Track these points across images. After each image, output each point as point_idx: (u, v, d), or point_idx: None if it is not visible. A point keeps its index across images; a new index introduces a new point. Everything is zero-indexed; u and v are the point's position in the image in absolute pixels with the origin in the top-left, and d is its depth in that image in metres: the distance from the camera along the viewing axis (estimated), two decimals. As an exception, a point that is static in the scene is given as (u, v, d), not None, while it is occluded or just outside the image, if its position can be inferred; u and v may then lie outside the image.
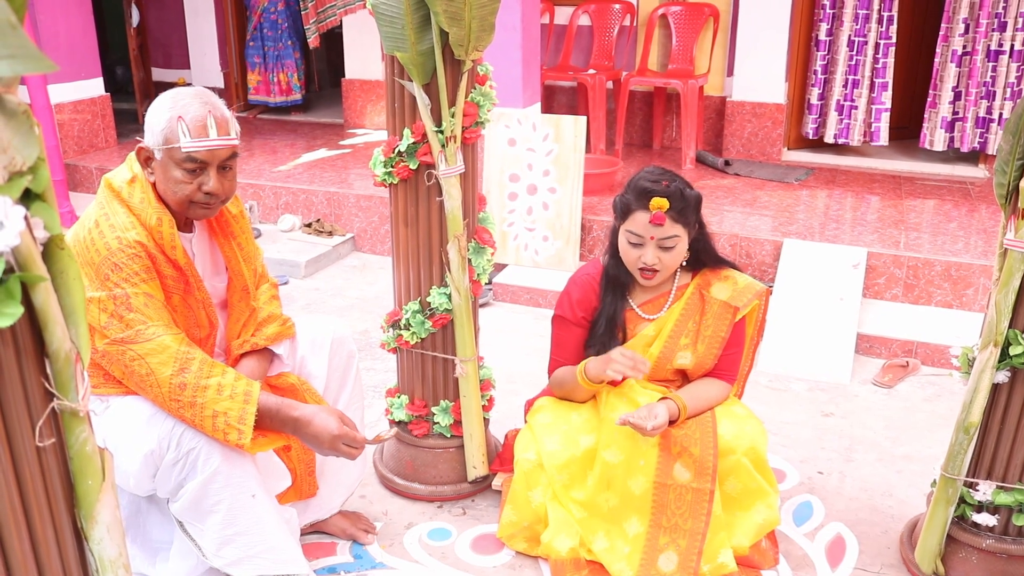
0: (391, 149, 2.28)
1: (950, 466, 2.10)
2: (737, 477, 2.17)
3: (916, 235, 4.02)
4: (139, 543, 2.11)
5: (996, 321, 1.95)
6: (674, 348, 2.24)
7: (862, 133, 5.14)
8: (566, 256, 4.17)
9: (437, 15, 2.06)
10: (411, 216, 2.34)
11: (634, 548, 2.17)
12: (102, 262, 1.82)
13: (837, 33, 5.05)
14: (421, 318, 2.39)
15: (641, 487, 2.16)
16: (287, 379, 2.15)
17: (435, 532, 2.44)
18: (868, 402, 3.19)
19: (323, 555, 2.33)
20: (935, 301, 3.74)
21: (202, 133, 1.85)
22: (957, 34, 4.78)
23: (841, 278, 3.72)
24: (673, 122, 5.67)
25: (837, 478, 2.71)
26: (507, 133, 4.21)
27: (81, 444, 1.00)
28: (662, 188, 2.08)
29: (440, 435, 2.53)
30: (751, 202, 4.53)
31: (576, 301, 2.29)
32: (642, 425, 2.03)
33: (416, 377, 2.50)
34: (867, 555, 2.35)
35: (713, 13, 5.28)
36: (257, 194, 4.95)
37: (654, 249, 2.12)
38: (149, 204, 1.89)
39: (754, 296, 2.25)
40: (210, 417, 1.81)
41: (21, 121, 0.83)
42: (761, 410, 3.02)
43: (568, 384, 2.28)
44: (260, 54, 6.53)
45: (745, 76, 5.23)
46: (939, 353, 3.42)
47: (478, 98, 2.26)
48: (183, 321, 1.96)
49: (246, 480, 1.89)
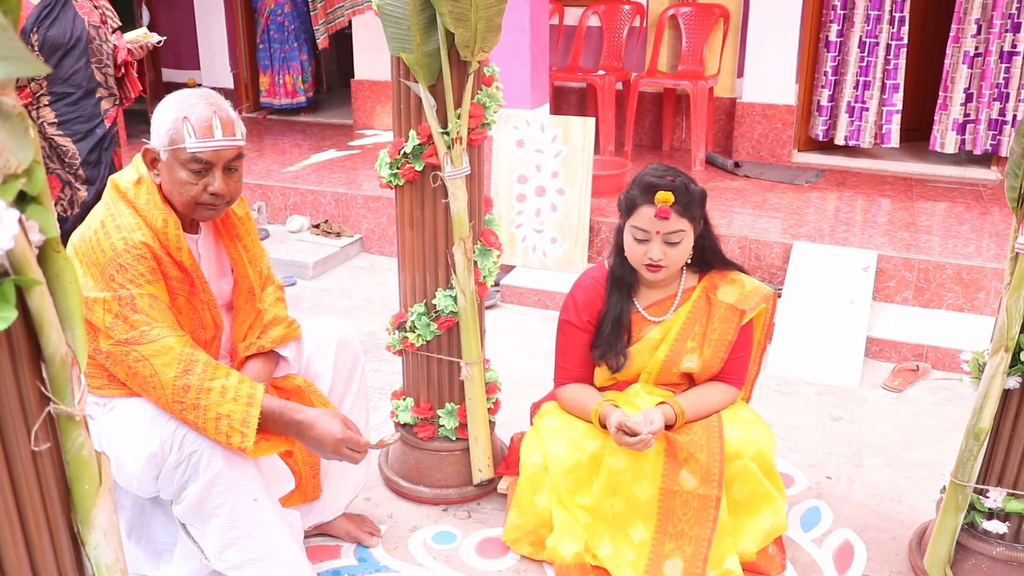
0: (397, 151, 2.27)
1: (960, 472, 2.08)
2: (744, 482, 2.16)
3: (927, 238, 3.99)
4: (143, 545, 2.11)
5: (1007, 326, 1.92)
6: (680, 351, 2.22)
7: (873, 135, 5.10)
8: (574, 258, 4.16)
9: (443, 16, 2.05)
10: (417, 218, 2.33)
11: (639, 554, 2.16)
12: (107, 263, 1.82)
13: (848, 34, 5.02)
14: (427, 320, 2.38)
15: (647, 493, 2.14)
16: (293, 381, 2.15)
17: (440, 535, 2.43)
18: (878, 406, 3.17)
19: (327, 558, 2.33)
20: (946, 304, 3.70)
21: (207, 134, 1.85)
22: (969, 35, 4.74)
23: (851, 281, 3.69)
24: (682, 123, 5.65)
25: (845, 483, 2.68)
26: (515, 134, 4.20)
27: (78, 448, 0.99)
28: (667, 183, 2.09)
29: (445, 438, 2.52)
30: (761, 204, 4.51)
31: (581, 305, 2.27)
32: (637, 431, 2.03)
33: (421, 380, 2.50)
34: (875, 561, 2.33)
35: (723, 14, 5.26)
36: (266, 195, 4.95)
37: (660, 244, 2.11)
38: (155, 205, 1.89)
39: (761, 299, 2.24)
40: (213, 420, 1.80)
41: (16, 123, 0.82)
42: (769, 414, 3.00)
43: (577, 412, 2.28)
44: (268, 56, 6.54)
45: (755, 77, 5.21)
46: (950, 357, 3.39)
47: (484, 99, 2.25)
48: (188, 323, 1.96)
49: (248, 483, 1.88)
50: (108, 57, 3.45)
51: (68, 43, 3.28)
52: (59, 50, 3.26)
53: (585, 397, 2.26)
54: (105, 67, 3.44)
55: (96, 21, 3.41)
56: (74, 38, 3.28)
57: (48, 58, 3.24)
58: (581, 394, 2.28)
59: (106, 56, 3.43)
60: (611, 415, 2.11)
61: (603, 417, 2.15)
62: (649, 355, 2.24)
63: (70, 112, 3.36)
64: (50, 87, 3.31)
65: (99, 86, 3.43)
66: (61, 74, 3.29)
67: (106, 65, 3.44)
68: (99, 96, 3.45)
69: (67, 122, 3.37)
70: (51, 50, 3.25)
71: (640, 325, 2.26)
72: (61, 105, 3.33)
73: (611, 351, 2.23)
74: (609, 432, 2.11)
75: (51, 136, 3.34)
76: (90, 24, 3.37)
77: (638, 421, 2.05)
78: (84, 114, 3.39)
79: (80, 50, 3.31)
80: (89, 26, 3.35)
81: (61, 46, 3.26)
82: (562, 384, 2.34)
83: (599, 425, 2.18)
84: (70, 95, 3.34)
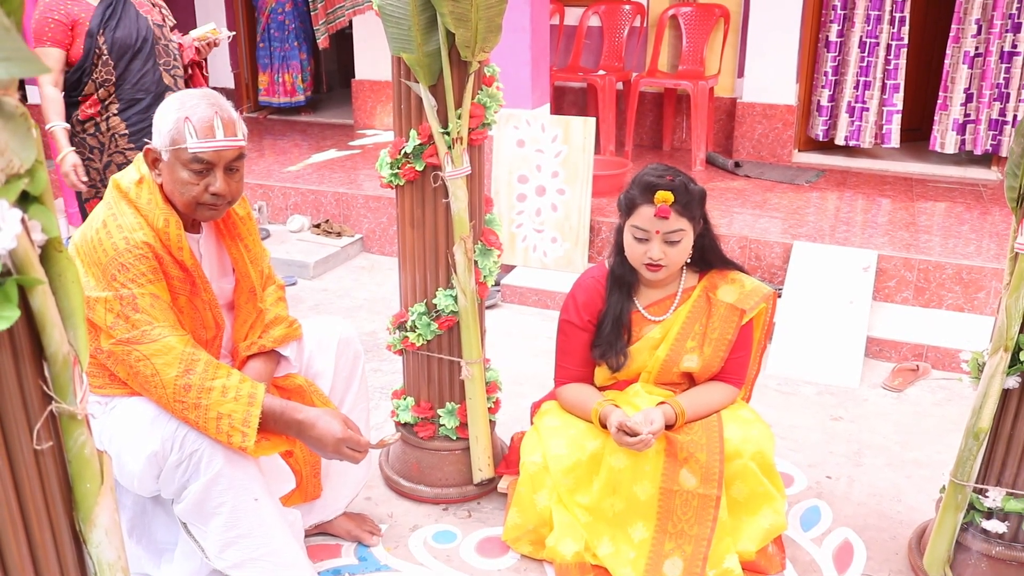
0: (397, 150, 2.27)
1: (959, 472, 2.08)
2: (744, 481, 2.16)
3: (927, 238, 3.99)
4: (144, 544, 2.11)
5: (1006, 326, 1.92)
6: (680, 351, 2.22)
7: (873, 135, 5.10)
8: (575, 258, 4.16)
9: (443, 16, 2.06)
10: (417, 218, 2.33)
11: (639, 553, 2.16)
12: (109, 262, 1.82)
13: (848, 34, 5.02)
14: (427, 320, 2.38)
15: (647, 493, 2.14)
16: (294, 380, 2.15)
17: (440, 534, 2.43)
18: (878, 406, 3.17)
19: (328, 557, 2.33)
20: (946, 304, 3.71)
21: (209, 134, 1.86)
22: (969, 35, 4.74)
23: (851, 281, 3.70)
24: (683, 123, 5.65)
25: (845, 483, 2.69)
26: (516, 134, 4.20)
27: (79, 447, 0.99)
28: (666, 182, 2.09)
29: (446, 437, 2.53)
30: (761, 204, 4.51)
31: (582, 304, 2.28)
32: (637, 431, 2.03)
33: (422, 379, 2.50)
34: (875, 561, 2.34)
35: (723, 14, 5.26)
36: (266, 194, 4.96)
37: (660, 243, 2.12)
38: (156, 205, 1.89)
39: (761, 299, 2.24)
40: (214, 419, 1.80)
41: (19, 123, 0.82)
42: (770, 414, 3.00)
43: (578, 411, 2.28)
44: (268, 55, 6.54)
45: (755, 77, 5.21)
46: (950, 357, 3.39)
47: (485, 99, 2.26)
48: (189, 323, 1.96)
49: (249, 483, 1.88)
50: (175, 58, 3.28)
51: (135, 44, 3.13)
52: (127, 53, 3.11)
53: (586, 397, 2.26)
54: (174, 68, 3.26)
55: (158, 19, 3.26)
56: (140, 38, 3.13)
57: (117, 62, 3.11)
58: (582, 393, 2.28)
59: (173, 57, 3.26)
60: (611, 415, 2.12)
61: (604, 417, 2.16)
62: (649, 354, 2.25)
63: (141, 120, 3.15)
64: (118, 94, 3.14)
65: (168, 90, 3.20)
66: (130, 78, 3.14)
67: (174, 67, 3.27)
68: None
69: (139, 132, 3.17)
70: (119, 53, 3.10)
71: (640, 324, 2.26)
72: (131, 113, 3.17)
73: (611, 350, 2.23)
74: (609, 432, 2.12)
75: (124, 149, 3.16)
76: (153, 23, 3.21)
77: (638, 421, 2.06)
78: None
79: (147, 52, 3.16)
80: (153, 25, 3.20)
81: (129, 48, 3.11)
82: (562, 383, 2.34)
83: (599, 425, 2.18)
84: (139, 101, 3.16)
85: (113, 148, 3.16)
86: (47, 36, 3.05)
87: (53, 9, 3.05)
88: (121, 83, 3.13)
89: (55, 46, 3.05)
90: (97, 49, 3.07)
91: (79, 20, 3.07)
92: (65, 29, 3.06)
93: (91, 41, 3.06)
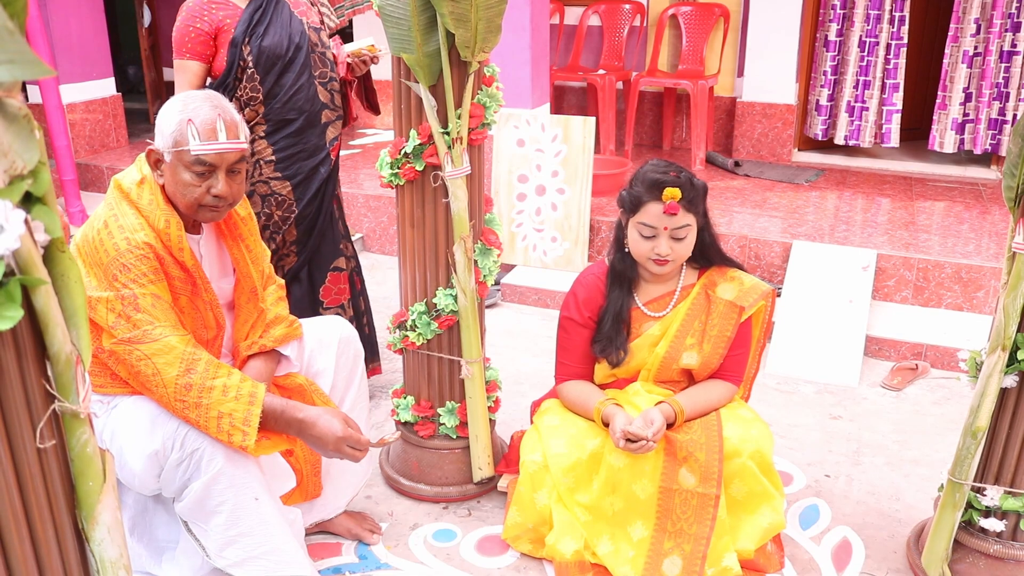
0: (398, 150, 2.28)
1: (957, 471, 2.09)
2: (742, 480, 2.17)
3: (926, 237, 4.00)
4: (145, 542, 2.12)
5: (1004, 325, 1.93)
6: (680, 348, 2.23)
7: (873, 134, 5.11)
8: (574, 257, 4.17)
9: (443, 16, 2.06)
10: (417, 217, 2.34)
11: (639, 552, 2.17)
12: (110, 262, 1.83)
13: (847, 34, 5.03)
14: (427, 319, 2.39)
15: (646, 492, 2.15)
16: (295, 379, 2.16)
17: (440, 533, 2.44)
18: (876, 405, 3.18)
19: (328, 555, 2.34)
20: (945, 304, 3.71)
21: (211, 136, 1.86)
22: (968, 35, 4.74)
23: (850, 280, 3.70)
24: (683, 123, 5.66)
25: (844, 481, 2.70)
26: (516, 134, 4.21)
27: (82, 446, 1.00)
28: (672, 178, 2.10)
29: (446, 436, 2.53)
30: (760, 203, 4.52)
31: (582, 301, 2.29)
32: (642, 435, 2.04)
33: (422, 378, 2.51)
34: (873, 559, 2.34)
35: (723, 13, 5.26)
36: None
37: (667, 239, 2.12)
38: (157, 206, 1.90)
39: (760, 296, 2.25)
40: (215, 418, 1.81)
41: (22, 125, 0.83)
42: (769, 412, 3.01)
43: (579, 409, 2.29)
44: None
45: (755, 77, 5.22)
46: (949, 356, 3.40)
47: (485, 99, 2.27)
48: (190, 322, 1.97)
49: (249, 482, 1.89)
50: (333, 69, 2.72)
51: (287, 54, 2.60)
52: (276, 64, 2.59)
53: (587, 395, 2.27)
54: (331, 81, 2.72)
55: (315, 22, 2.72)
56: (292, 46, 2.61)
57: (264, 76, 2.59)
58: (583, 391, 2.29)
59: (330, 67, 2.72)
60: (615, 419, 2.12)
61: (606, 417, 2.16)
62: (649, 351, 2.25)
63: (291, 146, 2.67)
64: (266, 114, 2.63)
65: (324, 108, 2.71)
66: (280, 95, 2.61)
67: (331, 79, 2.72)
68: (325, 121, 2.72)
69: (287, 159, 2.68)
70: (267, 66, 2.58)
71: (640, 321, 2.27)
72: (280, 137, 2.66)
73: (611, 346, 2.24)
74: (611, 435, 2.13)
75: (269, 178, 2.68)
76: (309, 26, 2.67)
77: (639, 426, 2.06)
78: (307, 147, 2.69)
79: (301, 62, 2.62)
80: (309, 29, 2.66)
81: (278, 59, 2.59)
82: (563, 380, 2.35)
83: (601, 424, 2.19)
84: (291, 122, 2.65)
85: (257, 177, 2.69)
86: (187, 48, 2.57)
87: (196, 17, 2.57)
88: (269, 101, 2.62)
89: (195, 59, 2.58)
90: (241, 61, 2.57)
91: (223, 27, 2.58)
92: (207, 39, 2.57)
93: (235, 51, 2.56)
